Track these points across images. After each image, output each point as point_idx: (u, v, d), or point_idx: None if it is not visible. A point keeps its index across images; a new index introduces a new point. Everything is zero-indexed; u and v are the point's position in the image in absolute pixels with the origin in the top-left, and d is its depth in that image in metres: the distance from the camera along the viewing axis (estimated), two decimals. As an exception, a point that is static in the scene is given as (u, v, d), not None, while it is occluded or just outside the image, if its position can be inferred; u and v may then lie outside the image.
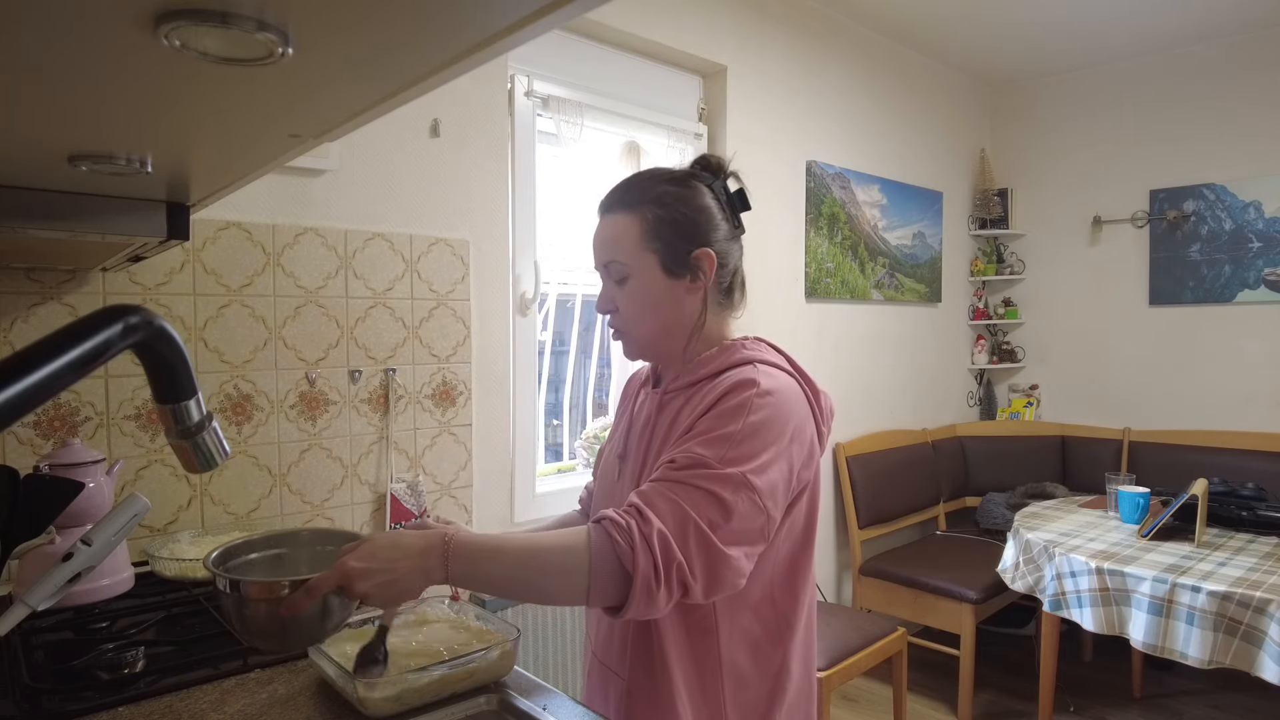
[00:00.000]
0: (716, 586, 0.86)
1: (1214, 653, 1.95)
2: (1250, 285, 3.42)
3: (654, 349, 1.07)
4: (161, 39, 0.45)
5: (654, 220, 1.01)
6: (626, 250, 1.02)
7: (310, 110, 0.67)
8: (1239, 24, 3.31)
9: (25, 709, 0.95)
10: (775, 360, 1.02)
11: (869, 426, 3.46)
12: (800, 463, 0.96)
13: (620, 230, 1.03)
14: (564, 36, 2.37)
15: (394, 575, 0.80)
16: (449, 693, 0.98)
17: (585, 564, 0.83)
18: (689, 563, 0.84)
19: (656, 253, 1.01)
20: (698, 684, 0.98)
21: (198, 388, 0.94)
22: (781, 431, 0.93)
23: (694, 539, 0.84)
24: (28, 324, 1.46)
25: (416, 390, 1.99)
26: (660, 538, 0.83)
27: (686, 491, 0.87)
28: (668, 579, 0.82)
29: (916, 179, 3.69)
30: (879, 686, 3.11)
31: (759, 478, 0.89)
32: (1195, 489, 2.39)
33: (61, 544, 1.26)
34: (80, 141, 0.72)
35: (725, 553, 0.85)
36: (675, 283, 1.02)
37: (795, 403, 0.97)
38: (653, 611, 0.85)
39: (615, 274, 1.03)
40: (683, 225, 1.02)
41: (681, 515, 0.85)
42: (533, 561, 0.85)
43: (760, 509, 0.89)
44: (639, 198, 1.03)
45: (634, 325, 1.05)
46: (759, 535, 0.90)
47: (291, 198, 1.79)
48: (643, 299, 1.03)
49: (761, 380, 0.95)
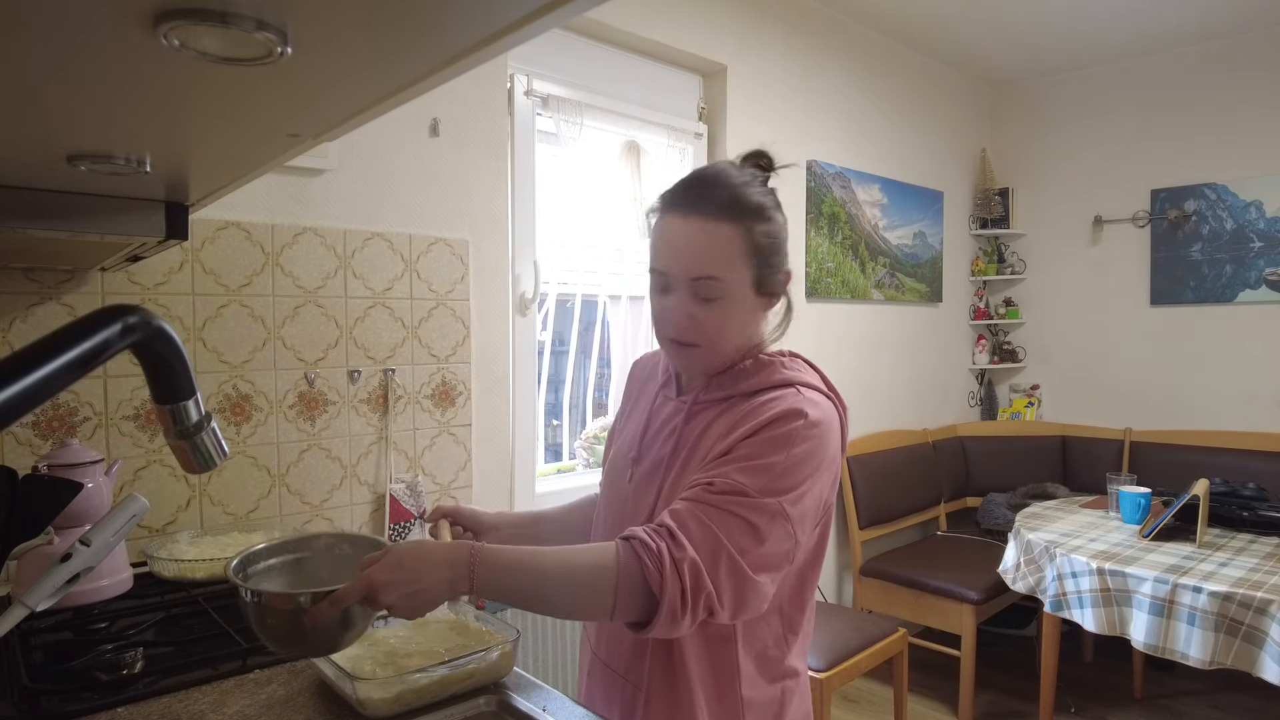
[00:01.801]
0: (742, 611, 0.87)
1: (1215, 653, 1.95)
2: (1251, 285, 3.41)
3: (717, 366, 1.00)
4: (161, 38, 0.44)
5: (758, 235, 0.93)
6: (727, 267, 0.92)
7: (309, 110, 0.66)
8: (1240, 23, 3.31)
9: (24, 709, 0.95)
10: (815, 382, 0.99)
11: (870, 426, 3.46)
12: (829, 489, 0.95)
13: (723, 244, 0.92)
14: (564, 36, 2.37)
15: (420, 587, 0.79)
16: (448, 693, 0.98)
17: (612, 584, 0.82)
18: (718, 591, 0.83)
19: (754, 270, 0.94)
20: (715, 693, 0.98)
21: (196, 388, 0.94)
22: (821, 463, 0.92)
23: (725, 567, 0.84)
24: (26, 324, 1.46)
25: (416, 390, 1.98)
26: (692, 566, 0.82)
27: (722, 518, 0.85)
28: (694, 606, 0.82)
29: (917, 178, 3.69)
30: (880, 687, 3.10)
31: (794, 508, 0.88)
32: (1196, 489, 2.39)
33: (60, 544, 1.26)
34: (79, 141, 0.72)
35: (754, 579, 0.85)
36: (760, 301, 0.97)
37: (834, 432, 0.95)
38: (675, 633, 0.84)
39: (708, 292, 0.93)
40: (779, 242, 0.97)
41: (715, 542, 0.84)
42: (558, 578, 0.84)
43: (790, 535, 0.88)
44: (740, 206, 0.93)
45: (714, 346, 0.96)
46: (785, 560, 0.89)
47: (290, 197, 1.79)
48: (734, 320, 0.95)
49: (810, 411, 0.92)
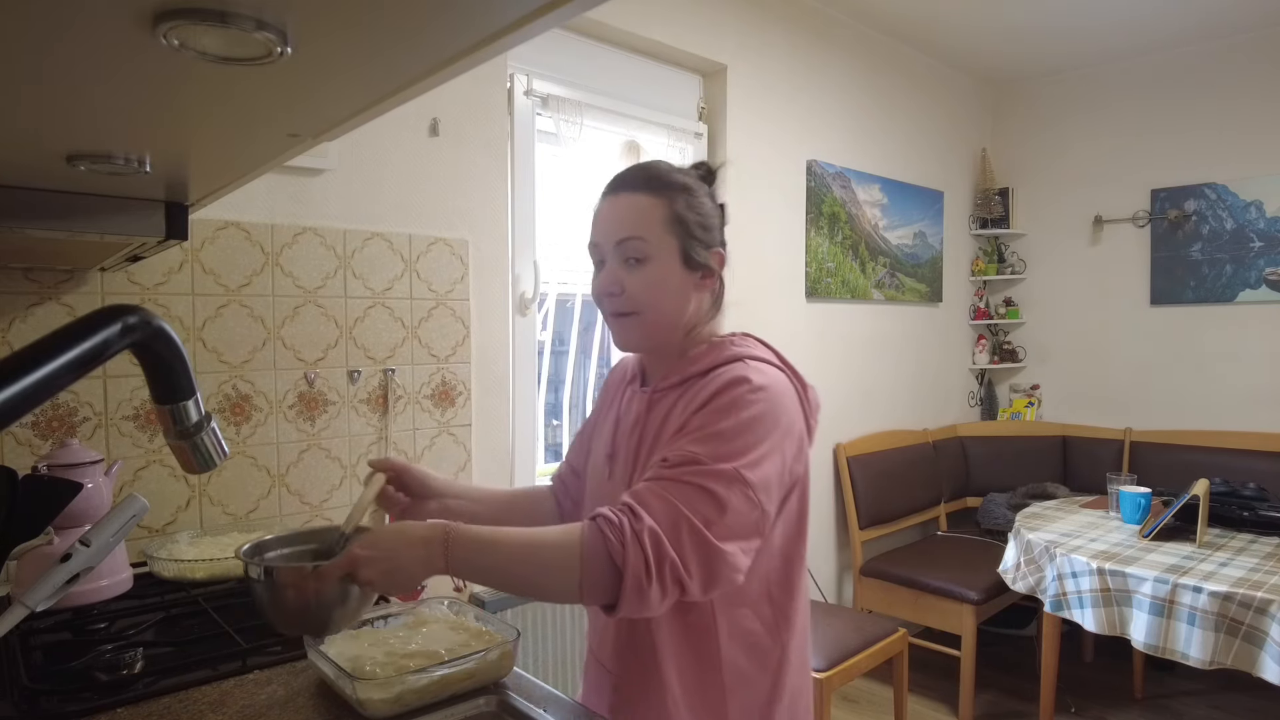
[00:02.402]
0: (714, 582, 0.86)
1: (1215, 653, 1.95)
2: (1251, 285, 3.41)
3: (655, 339, 1.04)
4: (160, 38, 0.44)
5: (680, 206, 1.00)
6: (652, 229, 0.99)
7: (309, 109, 0.66)
8: (1240, 23, 3.31)
9: (24, 710, 0.95)
10: (765, 355, 1.02)
11: (870, 427, 3.46)
12: (792, 456, 0.96)
13: (644, 210, 1.00)
14: (563, 35, 2.37)
15: (397, 563, 0.83)
16: (448, 693, 0.98)
17: (577, 560, 0.84)
18: (683, 560, 0.84)
19: (678, 240, 1.00)
20: (696, 683, 0.97)
21: (196, 388, 0.94)
22: (774, 426, 0.93)
23: (687, 536, 0.84)
24: (26, 324, 1.46)
25: (415, 390, 1.98)
26: (652, 535, 0.83)
27: (679, 489, 0.86)
28: (660, 576, 0.83)
29: (917, 178, 3.68)
30: (880, 687, 3.10)
31: (752, 472, 0.89)
32: (1197, 489, 2.39)
33: (60, 545, 1.26)
34: (78, 141, 0.72)
35: (721, 548, 0.85)
36: (689, 275, 1.01)
37: (786, 397, 0.97)
38: (646, 609, 0.84)
39: (633, 251, 0.99)
40: (704, 220, 1.02)
41: (674, 512, 0.85)
42: (528, 556, 0.86)
43: (754, 503, 0.89)
44: (663, 183, 1.01)
45: (642, 311, 1.01)
46: (754, 530, 0.89)
47: (290, 197, 1.79)
48: (658, 284, 1.00)
49: (754, 376, 0.95)
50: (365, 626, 1.09)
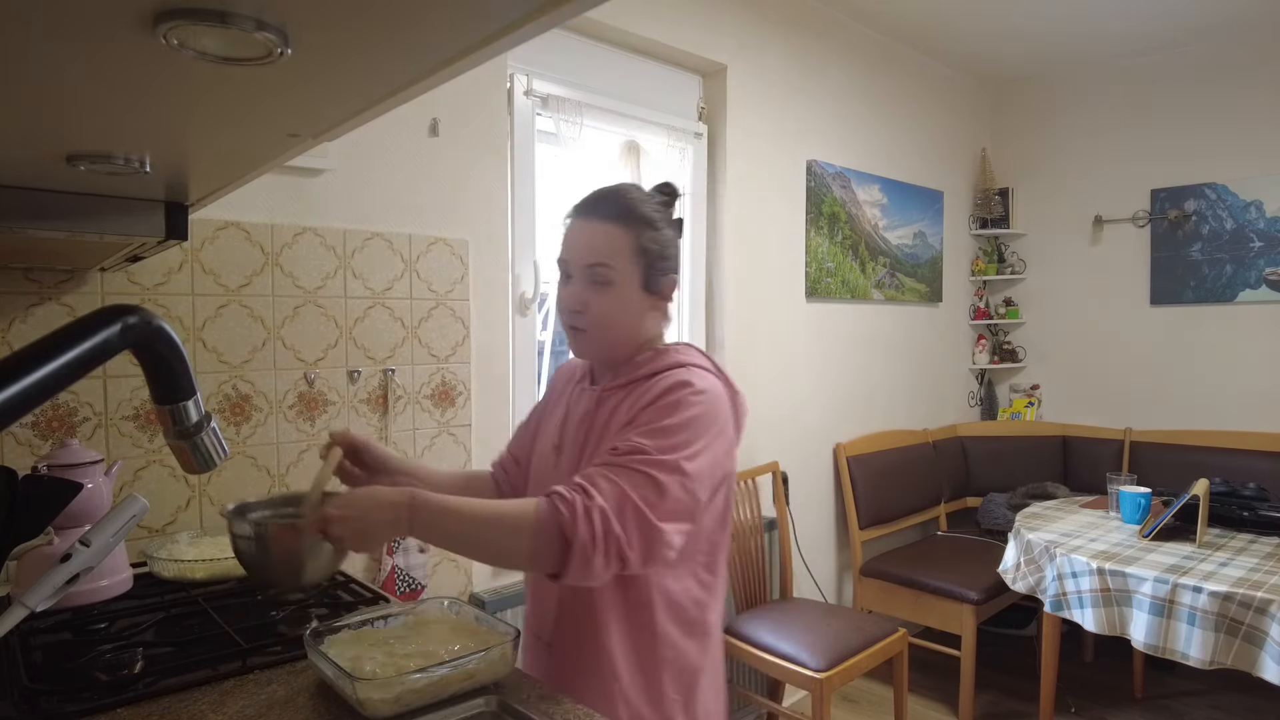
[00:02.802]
0: (652, 557, 0.98)
1: (1215, 653, 1.95)
2: (1251, 285, 3.41)
3: (610, 352, 1.15)
4: (160, 38, 0.44)
5: (645, 240, 1.11)
6: (618, 257, 1.10)
7: (309, 110, 0.66)
8: (1240, 23, 3.31)
9: (24, 710, 0.95)
10: (704, 364, 1.13)
11: (869, 427, 3.46)
12: (722, 454, 1.07)
13: (614, 239, 1.10)
14: (563, 35, 2.37)
15: (367, 523, 0.93)
16: (448, 693, 0.98)
17: (530, 528, 0.94)
18: (626, 535, 0.94)
19: (641, 269, 1.11)
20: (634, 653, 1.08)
21: (196, 388, 0.94)
22: (710, 426, 1.05)
23: (631, 515, 0.95)
24: (26, 324, 1.46)
25: (415, 390, 1.98)
26: (600, 512, 0.93)
27: (626, 474, 0.97)
28: (605, 549, 0.93)
29: (917, 178, 3.68)
30: (880, 687, 3.10)
31: (689, 464, 1.00)
32: (1196, 489, 2.39)
33: (60, 545, 1.26)
34: (78, 141, 0.72)
35: (660, 527, 0.97)
36: (647, 298, 1.13)
37: (721, 402, 1.09)
38: (589, 578, 0.94)
39: (599, 276, 1.10)
40: (665, 249, 1.13)
41: (621, 494, 0.96)
42: (484, 521, 0.96)
43: (690, 491, 1.00)
44: (632, 212, 1.11)
45: (601, 330, 1.12)
46: (688, 514, 1.01)
47: (290, 197, 1.79)
48: (618, 308, 1.11)
49: (696, 381, 1.06)
50: (365, 626, 1.09)
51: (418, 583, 1.92)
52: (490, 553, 1.01)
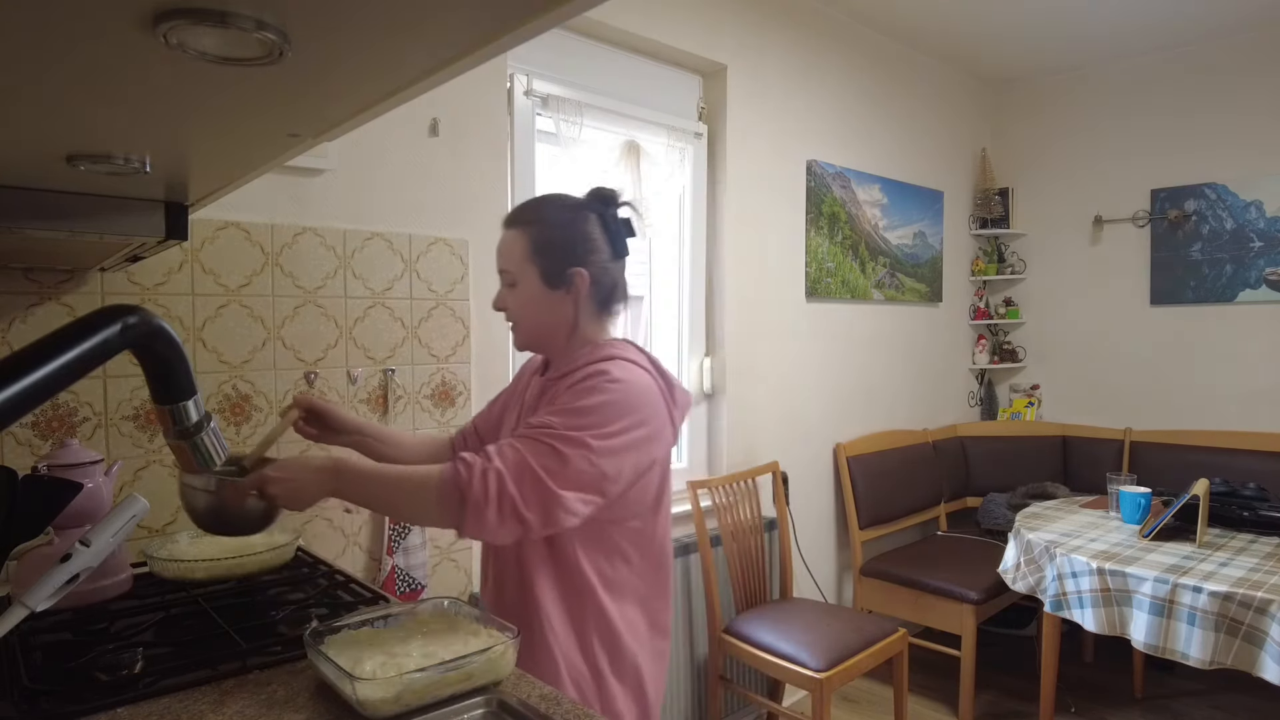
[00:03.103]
0: (551, 520, 1.08)
1: (1215, 653, 1.95)
2: (1251, 285, 3.41)
3: (535, 343, 1.29)
4: (160, 38, 0.44)
5: (538, 238, 1.22)
6: (514, 261, 1.23)
7: (309, 110, 0.66)
8: (1240, 23, 3.31)
9: (24, 710, 0.95)
10: (633, 358, 1.22)
11: (869, 427, 3.46)
12: (643, 439, 1.15)
13: (510, 243, 1.24)
14: (563, 36, 2.37)
15: (299, 484, 1.07)
16: (448, 693, 0.98)
17: (435, 486, 1.06)
18: (522, 497, 1.05)
19: (538, 266, 1.22)
20: (565, 609, 1.20)
21: (196, 388, 0.94)
22: (625, 412, 1.13)
23: (529, 479, 1.06)
24: (26, 324, 1.46)
25: (415, 390, 1.98)
26: (496, 474, 1.05)
27: (530, 444, 1.08)
28: (500, 507, 1.04)
29: (917, 178, 3.69)
30: (880, 687, 3.10)
31: (597, 442, 1.09)
32: (1196, 489, 2.39)
33: (60, 545, 1.26)
34: (78, 141, 0.72)
35: (558, 493, 1.07)
36: (552, 292, 1.23)
37: (641, 393, 1.16)
38: (485, 532, 1.05)
39: (507, 279, 1.25)
40: (562, 245, 1.22)
41: (520, 460, 1.07)
42: (398, 482, 1.09)
43: (594, 465, 1.09)
44: (530, 217, 1.24)
45: (519, 325, 1.27)
46: (593, 486, 1.10)
47: (290, 197, 1.79)
48: (524, 302, 1.24)
49: (614, 371, 1.16)
50: (365, 626, 1.09)
51: (418, 583, 1.92)
52: (405, 510, 1.13)
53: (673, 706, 2.52)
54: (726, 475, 2.68)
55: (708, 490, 2.60)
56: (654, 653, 1.29)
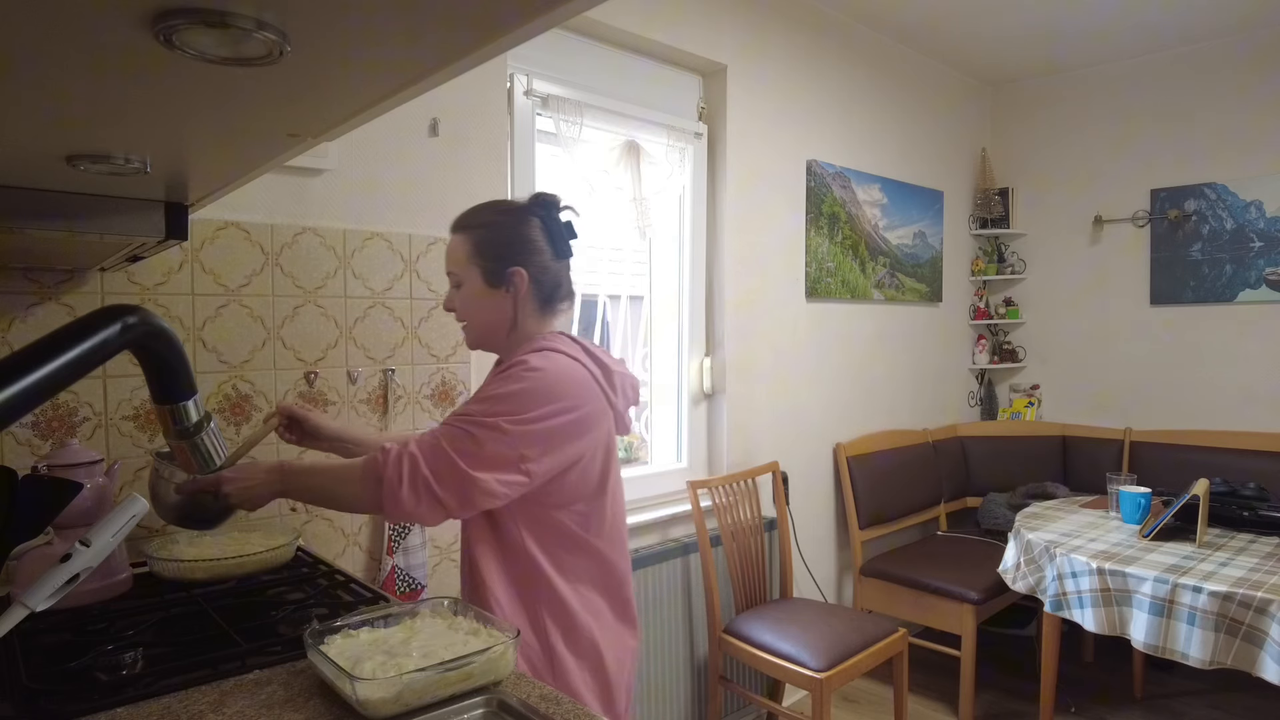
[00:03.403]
0: (468, 500, 1.15)
1: (1215, 653, 1.95)
2: (1251, 285, 3.41)
3: (482, 341, 1.37)
4: (160, 38, 0.44)
5: (479, 241, 1.30)
6: (458, 263, 1.31)
7: (309, 110, 0.66)
8: (1240, 23, 3.31)
9: (24, 710, 0.95)
10: (561, 349, 1.27)
11: (869, 426, 3.46)
12: (568, 423, 1.21)
13: (454, 247, 1.32)
14: (563, 36, 2.37)
15: (250, 485, 1.20)
16: (448, 693, 0.98)
17: (359, 474, 1.17)
18: (436, 478, 1.13)
19: (480, 268, 1.30)
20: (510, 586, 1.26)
21: (196, 388, 0.94)
22: (545, 399, 1.19)
23: (442, 461, 1.14)
24: (26, 324, 1.46)
25: (415, 390, 1.98)
26: (410, 457, 1.15)
27: (447, 430, 1.17)
28: (413, 487, 1.13)
29: (917, 178, 3.68)
30: (880, 687, 3.10)
31: (513, 426, 1.16)
32: (1196, 489, 2.39)
33: (60, 545, 1.26)
34: (78, 142, 0.72)
35: (471, 474, 1.14)
36: (493, 291, 1.30)
37: (564, 381, 1.22)
38: (403, 513, 1.14)
39: (453, 281, 1.33)
40: (502, 247, 1.30)
41: (435, 444, 1.16)
42: (332, 474, 1.22)
43: (510, 447, 1.16)
44: (472, 222, 1.32)
45: (466, 324, 1.35)
46: (511, 466, 1.16)
47: (290, 197, 1.79)
48: (469, 302, 1.32)
49: (534, 360, 1.22)
50: (365, 627, 1.09)
51: (418, 583, 1.92)
52: (341, 499, 1.22)
53: (673, 706, 2.52)
54: (726, 475, 2.68)
55: (708, 490, 2.60)
56: (618, 638, 1.34)
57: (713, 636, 2.55)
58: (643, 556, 2.43)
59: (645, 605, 2.43)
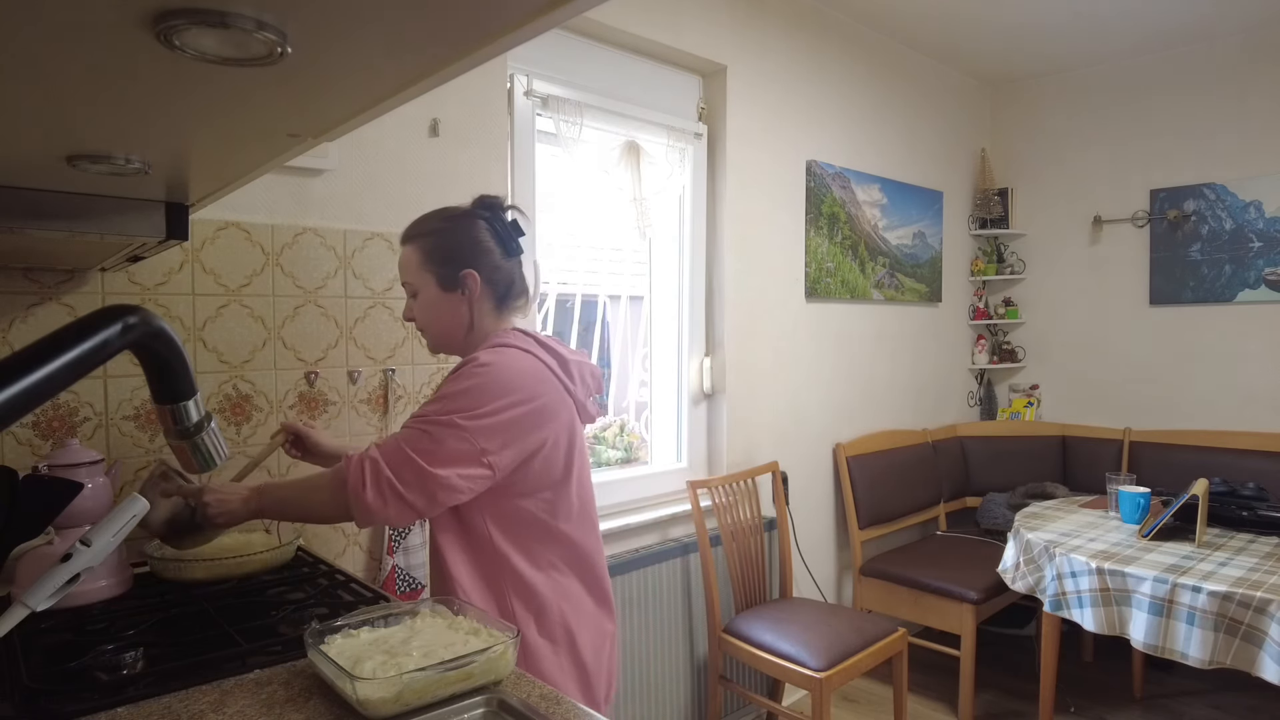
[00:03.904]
0: (434, 498, 1.18)
1: (1215, 653, 1.95)
2: (1251, 285, 3.42)
3: (442, 345, 1.40)
4: (160, 38, 0.44)
5: (429, 248, 1.33)
6: (412, 273, 1.34)
7: (309, 110, 0.66)
8: (1239, 23, 3.31)
9: (24, 709, 0.95)
10: (515, 343, 1.30)
11: (869, 426, 3.46)
12: (524, 414, 1.23)
13: (406, 259, 1.35)
14: (563, 36, 2.37)
15: (229, 504, 1.24)
16: (448, 693, 0.98)
17: (327, 484, 1.21)
18: (399, 478, 1.16)
19: (433, 274, 1.33)
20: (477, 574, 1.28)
21: (196, 388, 0.94)
22: (498, 394, 1.21)
23: (404, 463, 1.16)
24: (26, 324, 1.46)
25: (416, 390, 1.98)
26: (371, 461, 1.17)
27: (407, 432, 1.20)
28: (377, 488, 1.15)
29: (917, 178, 3.69)
30: (880, 687, 3.10)
31: (468, 421, 1.19)
32: (1196, 489, 2.39)
33: (60, 545, 1.26)
34: (79, 142, 0.72)
35: (433, 472, 1.16)
36: (448, 295, 1.34)
37: (516, 374, 1.25)
38: (371, 515, 1.16)
39: (409, 291, 1.37)
40: (451, 252, 1.33)
41: (395, 447, 1.18)
42: (300, 486, 1.26)
43: (469, 442, 1.18)
44: (419, 232, 1.35)
45: (426, 330, 1.38)
46: (472, 460, 1.19)
47: (290, 197, 1.79)
48: (427, 309, 1.35)
49: (484, 356, 1.25)
50: (365, 626, 1.09)
51: (418, 582, 1.92)
52: (313, 509, 1.24)
53: (672, 706, 2.53)
54: (726, 475, 2.69)
55: (707, 490, 2.60)
56: (594, 622, 1.35)
57: (712, 636, 2.55)
58: (643, 556, 2.43)
59: (645, 605, 2.43)
